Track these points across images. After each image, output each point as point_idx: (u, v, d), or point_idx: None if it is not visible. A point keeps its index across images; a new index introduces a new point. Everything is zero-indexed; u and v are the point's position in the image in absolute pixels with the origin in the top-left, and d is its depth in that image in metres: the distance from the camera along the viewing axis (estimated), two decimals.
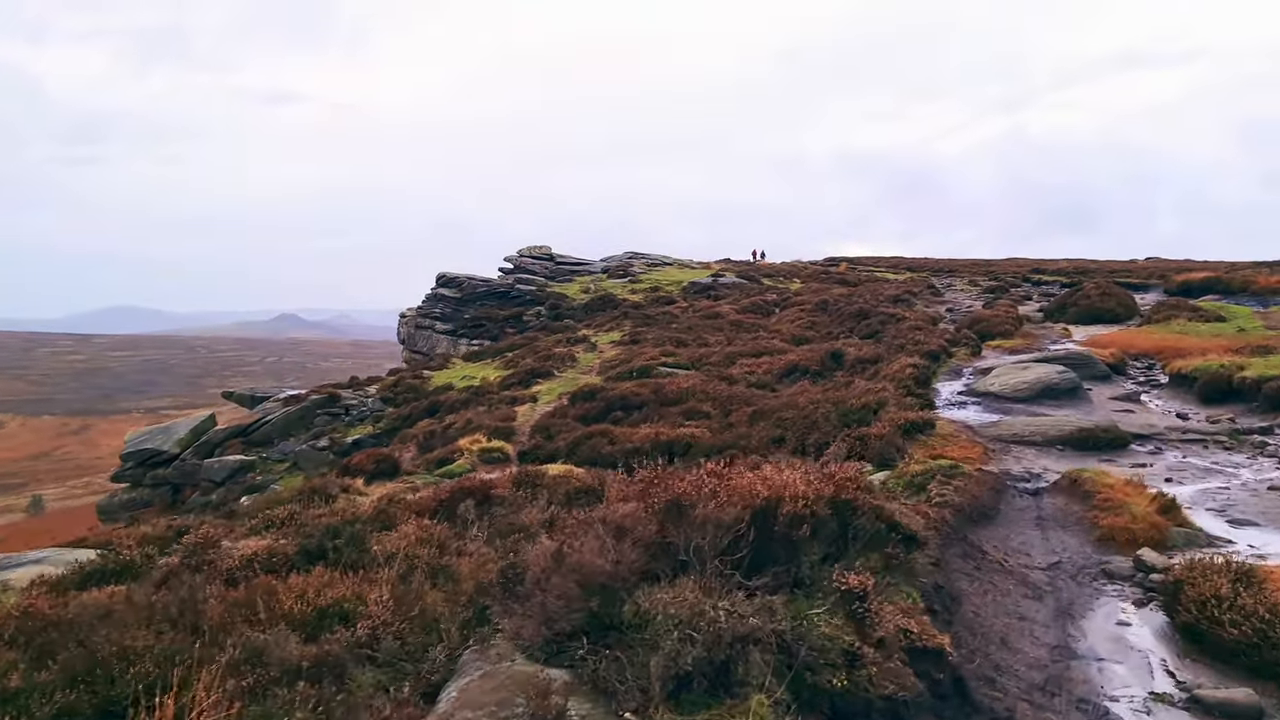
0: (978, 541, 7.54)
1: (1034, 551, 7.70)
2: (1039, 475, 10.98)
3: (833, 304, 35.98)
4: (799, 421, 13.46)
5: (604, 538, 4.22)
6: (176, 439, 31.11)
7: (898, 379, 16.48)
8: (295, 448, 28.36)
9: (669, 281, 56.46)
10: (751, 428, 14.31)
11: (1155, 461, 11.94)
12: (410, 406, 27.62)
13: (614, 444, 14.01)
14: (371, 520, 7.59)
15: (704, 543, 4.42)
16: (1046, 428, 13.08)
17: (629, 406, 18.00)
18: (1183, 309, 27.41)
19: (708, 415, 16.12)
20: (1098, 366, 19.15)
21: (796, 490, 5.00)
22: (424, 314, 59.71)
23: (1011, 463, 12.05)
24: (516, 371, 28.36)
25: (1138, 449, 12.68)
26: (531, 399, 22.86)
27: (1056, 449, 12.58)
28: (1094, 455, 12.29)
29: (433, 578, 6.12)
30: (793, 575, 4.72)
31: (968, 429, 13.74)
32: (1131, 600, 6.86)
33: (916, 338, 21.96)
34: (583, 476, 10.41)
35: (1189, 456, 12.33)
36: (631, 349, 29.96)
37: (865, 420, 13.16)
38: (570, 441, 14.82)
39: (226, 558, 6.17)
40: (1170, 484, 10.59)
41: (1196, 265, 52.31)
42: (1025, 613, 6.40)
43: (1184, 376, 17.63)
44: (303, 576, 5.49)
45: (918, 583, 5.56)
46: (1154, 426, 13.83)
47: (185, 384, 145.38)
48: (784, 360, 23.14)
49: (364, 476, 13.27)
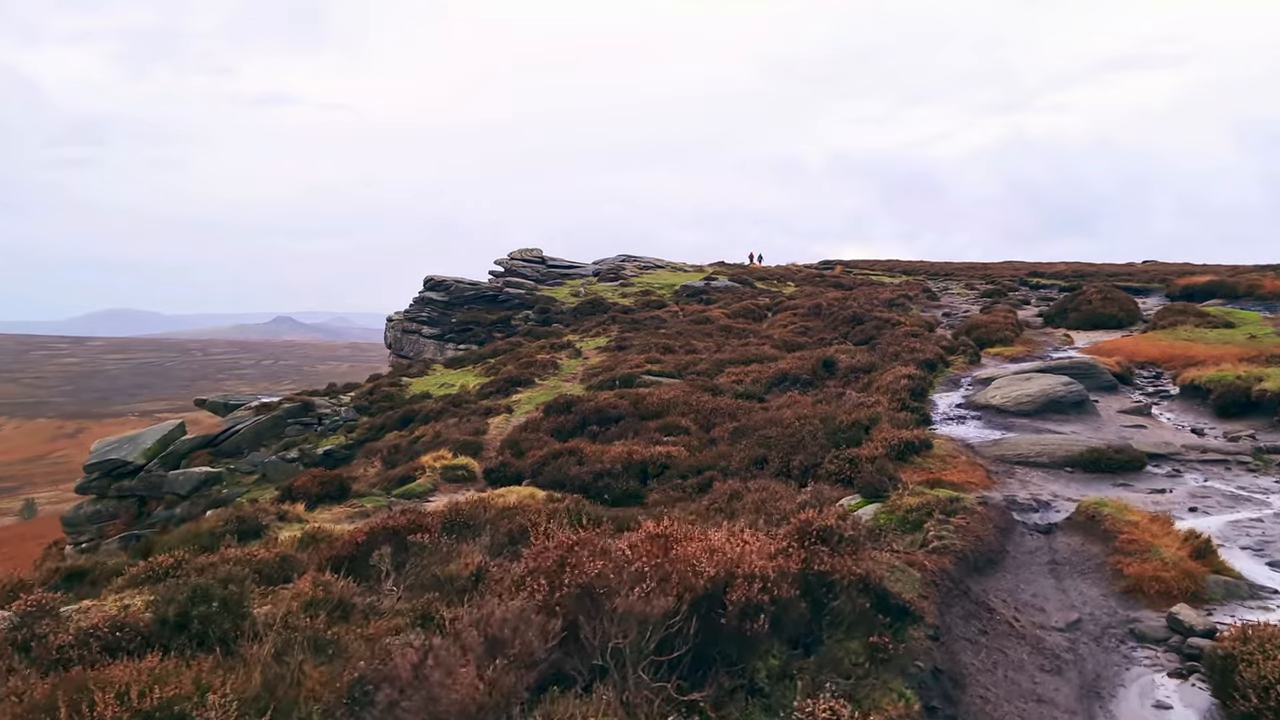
0: (983, 596, 6.41)
1: (1049, 606, 6.57)
2: (1048, 504, 9.85)
3: (826, 308, 34.86)
4: (784, 440, 12.32)
5: (475, 651, 3.09)
6: (143, 449, 29.83)
7: (892, 391, 15.36)
8: (264, 459, 27.15)
9: (661, 285, 55.35)
10: (733, 446, 13.17)
11: (1175, 486, 10.82)
12: (384, 416, 26.42)
13: (583, 464, 12.85)
14: (270, 569, 6.42)
15: (626, 643, 3.28)
16: (1053, 447, 11.96)
17: (606, 420, 16.84)
18: (1189, 314, 26.33)
19: (687, 431, 14.96)
20: (1104, 376, 18.06)
21: (752, 566, 3.86)
22: (411, 318, 58.49)
23: (1017, 487, 10.93)
24: (496, 379, 27.19)
25: (1154, 471, 11.56)
26: (507, 410, 21.68)
27: (1065, 471, 11.46)
28: (1107, 479, 11.18)
29: (318, 652, 4.96)
30: (747, 679, 3.57)
31: (967, 448, 12.62)
32: (1168, 671, 5.73)
33: (912, 345, 20.84)
34: (535, 508, 9.27)
35: (1211, 480, 11.22)
36: (617, 355, 28.81)
37: (856, 439, 12.03)
38: (537, 460, 13.66)
39: (63, 631, 5.03)
40: (1195, 514, 9.48)
41: (1197, 269, 51.30)
42: (1044, 693, 5.27)
43: (1197, 388, 16.53)
44: (133, 663, 4.33)
45: (912, 670, 4.42)
46: (1170, 445, 12.72)
47: (180, 387, 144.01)
48: (774, 368, 22.01)
49: (307, 500, 12.10)
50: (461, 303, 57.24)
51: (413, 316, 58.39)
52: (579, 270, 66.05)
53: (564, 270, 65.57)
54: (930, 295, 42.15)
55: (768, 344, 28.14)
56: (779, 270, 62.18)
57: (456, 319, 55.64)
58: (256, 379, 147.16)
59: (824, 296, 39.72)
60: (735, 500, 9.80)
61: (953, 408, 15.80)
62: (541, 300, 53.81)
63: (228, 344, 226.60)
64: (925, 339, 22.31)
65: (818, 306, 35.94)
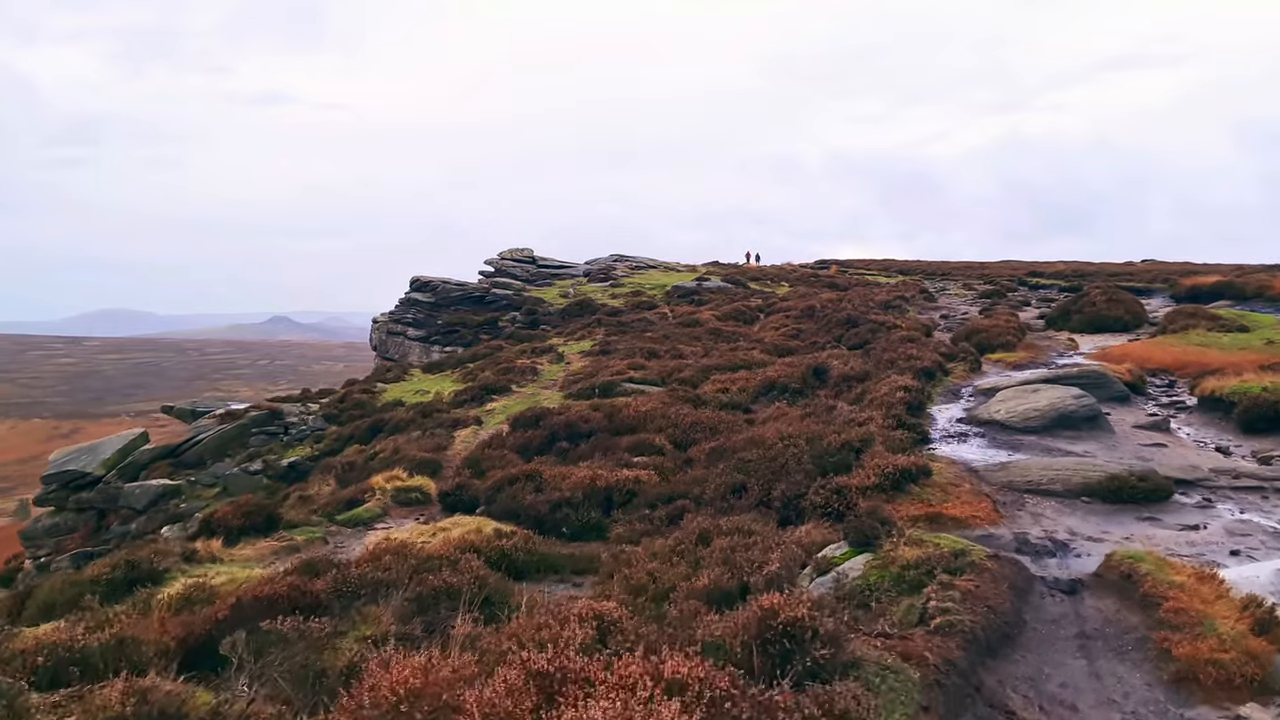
0: (999, 691, 5.06)
1: (1083, 702, 5.22)
2: (1066, 545, 8.51)
3: (820, 310, 33.53)
4: (765, 465, 10.96)
5: None
6: (102, 459, 28.42)
7: (886, 405, 14.01)
8: (227, 471, 25.73)
9: (652, 285, 54.01)
10: (710, 470, 11.81)
11: (1209, 520, 9.48)
12: (353, 426, 25.02)
13: (540, 491, 11.49)
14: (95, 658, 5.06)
15: None
16: (1068, 473, 10.61)
17: (576, 435, 15.47)
18: (1200, 317, 25.01)
19: (661, 451, 13.59)
20: (1115, 387, 16.73)
21: None
22: (396, 319, 57.08)
23: (1028, 522, 9.58)
24: (471, 387, 25.80)
25: (1183, 500, 10.22)
26: (477, 421, 20.30)
27: (1082, 502, 10.11)
28: (1130, 511, 9.84)
29: None
30: None
31: (970, 472, 11.27)
32: None
33: (909, 352, 19.50)
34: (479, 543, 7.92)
35: (1248, 512, 9.89)
36: (600, 360, 27.45)
37: (845, 464, 10.68)
38: (494, 484, 12.28)
39: None
40: (1238, 559, 8.14)
41: (1198, 268, 50.00)
42: None
43: (1218, 400, 15.21)
44: None
45: None
46: (1197, 469, 11.38)
47: (176, 387, 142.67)
48: (762, 376, 20.66)
49: (226, 534, 10.69)
50: (448, 304, 55.87)
51: (398, 318, 56.96)
52: (570, 270, 64.71)
53: (554, 270, 64.24)
54: (927, 296, 40.84)
55: (757, 348, 26.80)
56: (773, 270, 60.89)
57: (442, 320, 54.26)
58: (253, 379, 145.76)
59: (818, 298, 38.39)
60: (702, 545, 8.46)
61: (953, 423, 14.45)
62: (529, 301, 52.44)
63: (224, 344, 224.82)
64: (922, 344, 20.97)
65: (811, 308, 34.61)
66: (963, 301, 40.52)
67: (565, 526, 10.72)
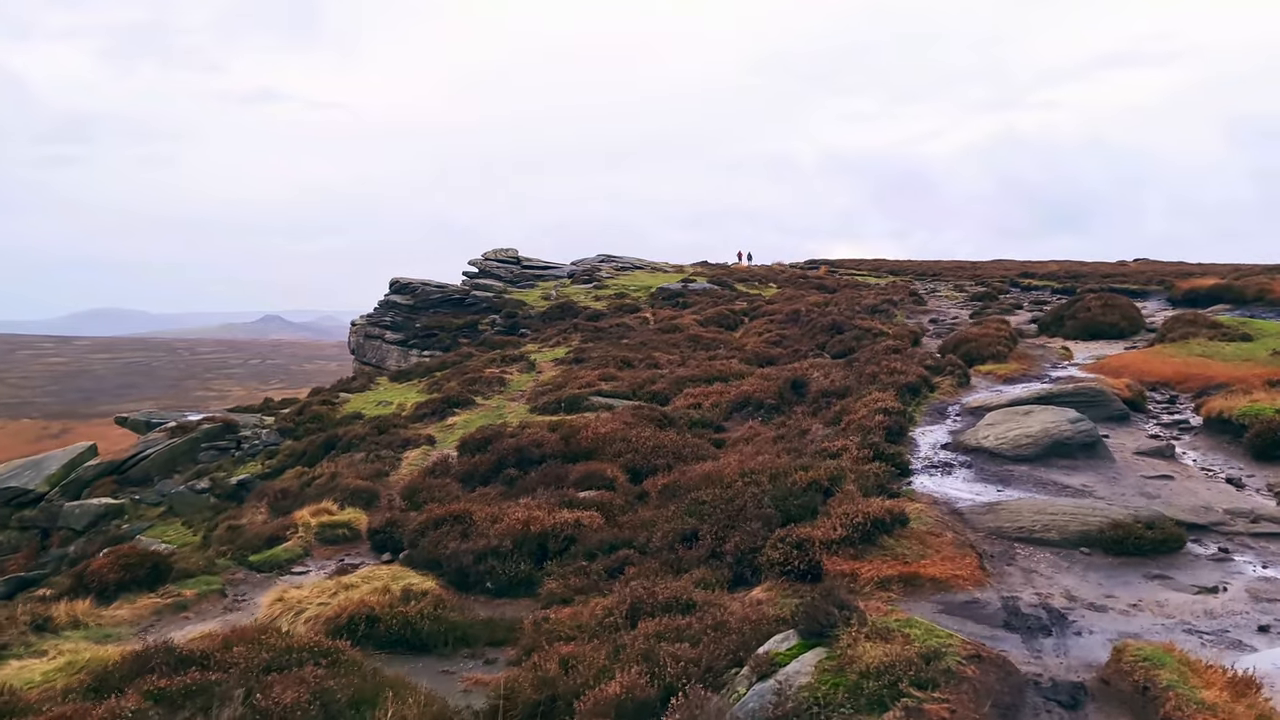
0: None
1: None
2: (1065, 618, 7.19)
3: (805, 315, 32.22)
4: (721, 507, 9.62)
5: None
6: (46, 475, 26.89)
7: (864, 430, 12.69)
8: (173, 489, 24.27)
9: (637, 287, 52.62)
10: (660, 511, 10.46)
11: (1229, 580, 8.17)
12: (307, 441, 23.60)
13: (468, 537, 10.12)
14: None
15: None
16: (1064, 519, 9.30)
17: (527, 461, 14.09)
18: (1200, 325, 23.77)
19: (612, 485, 12.24)
20: (1113, 404, 15.45)
21: None
22: (374, 322, 55.57)
23: (1019, 581, 8.27)
24: (434, 399, 24.40)
25: (1196, 551, 8.92)
26: (429, 440, 18.90)
27: (1081, 554, 8.80)
28: (1136, 566, 8.53)
29: None
30: None
31: (954, 515, 9.94)
32: None
33: (893, 365, 18.20)
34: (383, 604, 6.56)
35: (1271, 567, 8.58)
36: (571, 370, 26.08)
37: (811, 508, 9.34)
38: (419, 526, 10.90)
39: None
40: (1268, 638, 6.84)
41: (1193, 268, 48.85)
42: None
43: (1226, 421, 13.93)
44: None
45: None
46: (1210, 509, 10.08)
47: (167, 387, 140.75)
48: (737, 390, 19.35)
49: (100, 591, 9.30)
50: (427, 306, 54.42)
51: (376, 321, 55.46)
52: (554, 271, 63.31)
53: (539, 271, 62.80)
54: (917, 299, 39.57)
55: (737, 358, 25.48)
56: (762, 270, 59.60)
57: (421, 324, 52.81)
58: (244, 378, 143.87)
59: (804, 301, 37.06)
60: (636, 614, 7.12)
61: (937, 450, 13.12)
62: (510, 304, 51.01)
63: (215, 343, 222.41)
64: (908, 357, 19.67)
65: (796, 313, 33.29)
66: (953, 304, 39.29)
67: (490, 581, 9.36)
